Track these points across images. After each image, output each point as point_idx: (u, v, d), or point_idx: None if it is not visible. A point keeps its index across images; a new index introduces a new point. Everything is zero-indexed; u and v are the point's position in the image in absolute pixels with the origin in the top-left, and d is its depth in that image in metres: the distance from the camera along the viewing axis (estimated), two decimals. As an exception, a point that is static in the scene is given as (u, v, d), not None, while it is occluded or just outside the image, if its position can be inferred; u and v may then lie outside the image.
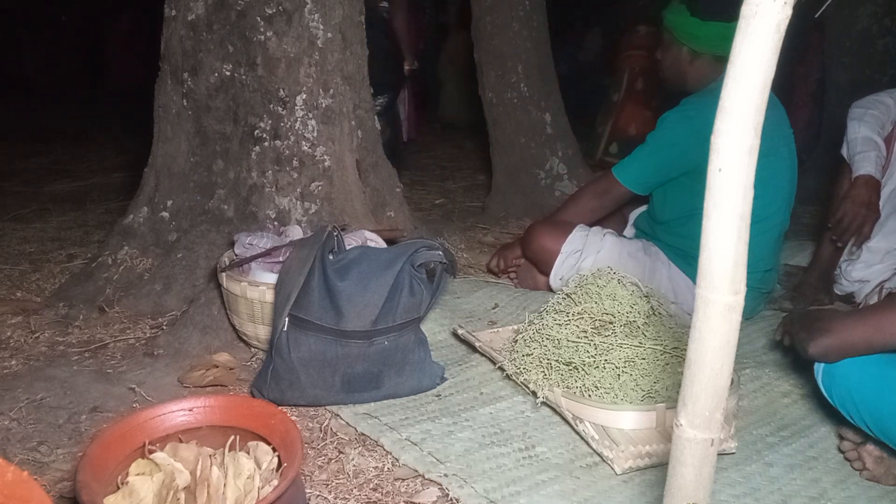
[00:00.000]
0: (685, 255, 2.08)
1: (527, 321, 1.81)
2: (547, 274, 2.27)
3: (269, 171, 2.15)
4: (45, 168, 4.29)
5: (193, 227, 2.18)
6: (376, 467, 1.44)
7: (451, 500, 1.33)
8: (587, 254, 2.16)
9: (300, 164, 2.16)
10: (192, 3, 2.14)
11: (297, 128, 2.15)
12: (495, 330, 1.94)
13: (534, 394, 1.61)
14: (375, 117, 2.44)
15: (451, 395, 1.72)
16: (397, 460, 1.45)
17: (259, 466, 1.18)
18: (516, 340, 1.77)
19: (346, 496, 1.35)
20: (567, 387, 1.58)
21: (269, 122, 2.14)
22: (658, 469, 1.42)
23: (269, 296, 1.70)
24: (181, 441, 1.25)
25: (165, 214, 2.25)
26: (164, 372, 1.82)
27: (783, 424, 1.61)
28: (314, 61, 2.15)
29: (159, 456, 1.18)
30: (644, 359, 1.58)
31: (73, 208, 3.39)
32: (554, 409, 1.61)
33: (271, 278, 1.75)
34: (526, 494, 1.34)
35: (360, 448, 1.51)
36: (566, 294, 1.80)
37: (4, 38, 7.78)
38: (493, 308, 2.24)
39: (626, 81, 4.09)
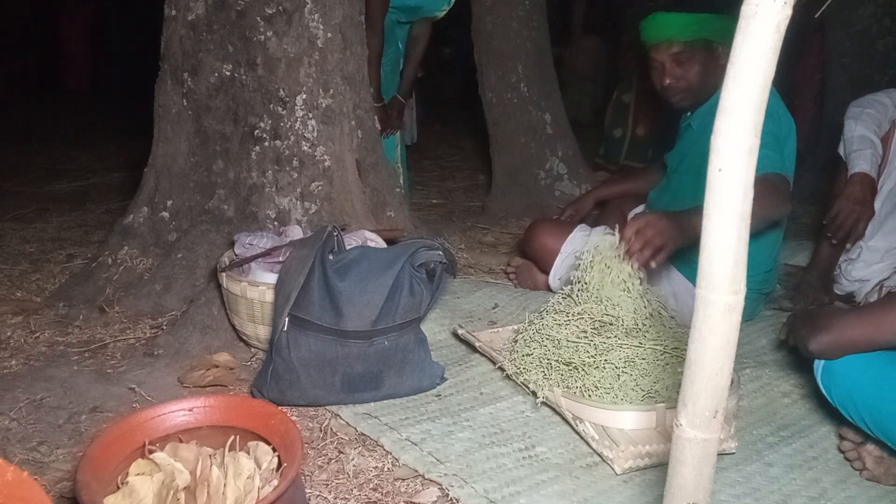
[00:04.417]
0: (685, 257, 2.07)
1: (527, 321, 1.81)
2: (547, 273, 2.27)
3: (269, 171, 2.15)
4: (45, 168, 4.29)
5: (193, 227, 2.18)
6: (376, 467, 1.44)
7: (451, 500, 1.33)
8: (587, 254, 2.16)
9: (300, 164, 2.16)
10: (192, 3, 2.14)
11: (297, 128, 2.15)
12: (495, 330, 1.93)
13: (534, 394, 1.61)
14: (375, 117, 2.45)
15: (451, 395, 1.72)
16: (397, 460, 1.45)
17: (259, 466, 1.18)
18: (516, 340, 1.77)
19: (346, 496, 1.35)
20: (567, 387, 1.58)
21: (269, 122, 2.14)
22: (658, 469, 1.42)
23: (269, 296, 1.70)
24: (181, 441, 1.25)
25: (165, 214, 2.25)
26: (164, 372, 1.82)
27: (783, 424, 1.61)
28: (314, 61, 2.15)
29: (159, 456, 1.18)
30: (644, 359, 1.58)
31: (73, 208, 3.39)
32: (554, 409, 1.61)
33: (271, 278, 1.75)
34: (526, 494, 1.34)
35: (360, 448, 1.51)
36: (566, 294, 1.80)
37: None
38: (493, 308, 2.24)
39: (636, 81, 4.06)
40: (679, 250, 2.07)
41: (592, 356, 1.59)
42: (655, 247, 1.62)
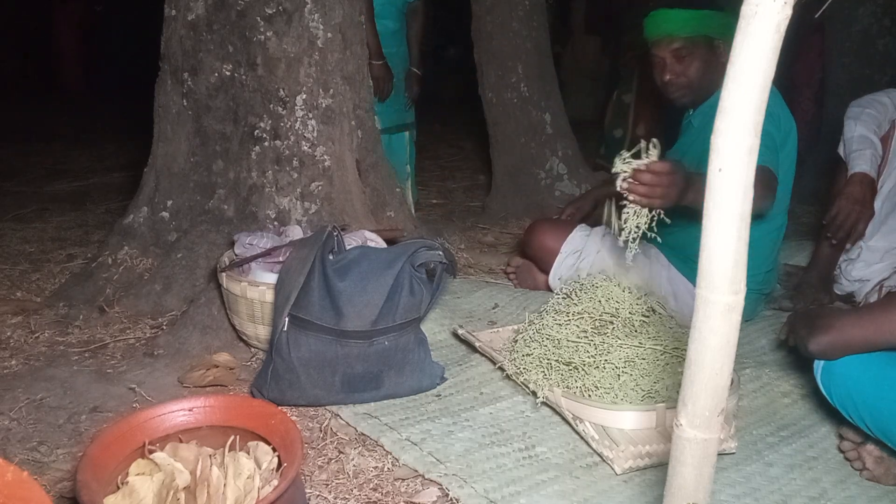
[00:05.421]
0: (687, 258, 2.07)
1: (527, 321, 1.81)
2: (547, 273, 2.27)
3: (269, 171, 2.15)
4: (45, 168, 4.29)
5: (193, 227, 2.18)
6: (376, 467, 1.44)
7: (451, 500, 1.33)
8: (586, 254, 2.16)
9: (300, 164, 2.16)
10: (192, 3, 2.15)
11: (297, 128, 2.15)
12: (495, 330, 1.93)
13: (534, 394, 1.61)
14: (375, 117, 2.44)
15: (451, 395, 1.72)
16: (397, 460, 1.45)
17: (259, 466, 1.18)
18: (516, 340, 1.77)
19: (346, 496, 1.35)
20: (567, 387, 1.58)
21: (269, 122, 2.14)
22: (658, 469, 1.42)
23: (269, 296, 1.70)
24: (181, 441, 1.25)
25: (165, 214, 2.25)
26: (164, 372, 1.82)
27: (783, 424, 1.61)
28: (314, 61, 2.15)
29: (159, 456, 1.18)
30: (644, 359, 1.58)
31: (73, 208, 3.39)
32: (554, 409, 1.61)
33: (271, 278, 1.75)
34: (526, 494, 1.34)
35: (360, 448, 1.51)
36: (566, 294, 1.80)
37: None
38: (493, 308, 2.24)
39: (637, 81, 4.06)
40: (682, 249, 2.08)
41: (592, 356, 1.59)
42: (654, 203, 1.57)
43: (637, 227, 1.60)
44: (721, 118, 0.70)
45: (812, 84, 4.05)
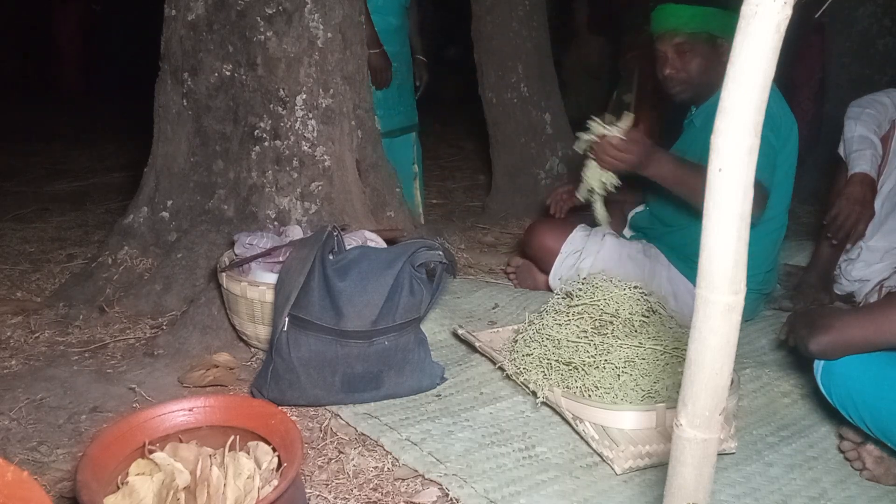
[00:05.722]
0: (687, 258, 2.07)
1: (527, 321, 1.81)
2: (547, 273, 2.27)
3: (269, 171, 2.15)
4: (45, 168, 4.29)
5: (193, 227, 2.18)
6: (376, 467, 1.44)
7: (451, 500, 1.33)
8: (586, 254, 2.16)
9: (300, 164, 2.16)
10: (192, 3, 2.15)
11: (297, 128, 2.15)
12: (495, 330, 1.93)
13: (534, 394, 1.61)
14: (375, 117, 2.44)
15: (451, 395, 1.72)
16: (397, 460, 1.46)
17: (259, 466, 1.18)
18: (516, 340, 1.77)
19: (346, 496, 1.35)
20: (567, 387, 1.58)
21: (269, 122, 2.14)
22: (658, 469, 1.42)
23: (269, 296, 1.70)
24: (181, 441, 1.25)
25: (165, 214, 2.25)
26: (164, 372, 1.82)
27: (783, 424, 1.61)
28: (314, 61, 2.15)
29: (159, 456, 1.18)
30: (644, 359, 1.58)
31: (73, 208, 3.39)
32: (554, 409, 1.61)
33: (271, 278, 1.75)
34: (526, 494, 1.34)
35: (360, 448, 1.51)
36: (566, 294, 1.80)
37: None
38: (493, 308, 2.24)
39: (637, 82, 4.06)
40: (683, 249, 2.08)
41: (592, 356, 1.59)
42: (615, 166, 1.91)
43: (594, 184, 1.87)
44: (721, 118, 0.69)
45: (812, 84, 4.04)
